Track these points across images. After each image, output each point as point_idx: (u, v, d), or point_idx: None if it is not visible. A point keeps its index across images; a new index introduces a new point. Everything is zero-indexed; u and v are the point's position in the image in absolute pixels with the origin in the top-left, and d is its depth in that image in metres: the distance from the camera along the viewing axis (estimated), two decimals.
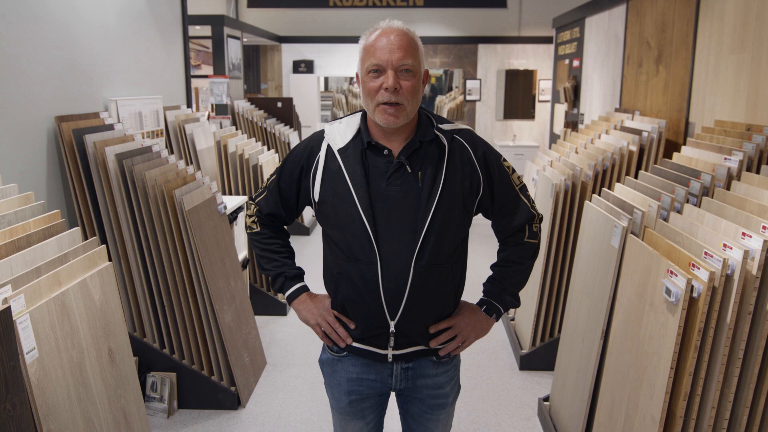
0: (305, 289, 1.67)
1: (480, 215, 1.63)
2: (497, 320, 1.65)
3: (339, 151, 1.50)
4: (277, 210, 1.65)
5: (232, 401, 3.01)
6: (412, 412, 1.68)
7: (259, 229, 1.68)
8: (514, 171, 1.61)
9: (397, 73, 1.41)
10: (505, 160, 1.60)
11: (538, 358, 3.44)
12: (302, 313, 1.64)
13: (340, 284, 1.53)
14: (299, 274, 1.68)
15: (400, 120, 1.44)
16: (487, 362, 3.57)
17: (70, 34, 2.82)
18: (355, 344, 1.58)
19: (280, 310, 4.26)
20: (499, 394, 3.21)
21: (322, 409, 3.03)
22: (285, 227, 1.74)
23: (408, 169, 1.47)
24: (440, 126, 1.53)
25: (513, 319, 3.91)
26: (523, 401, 3.14)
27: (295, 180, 1.59)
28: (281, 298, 4.31)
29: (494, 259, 1.71)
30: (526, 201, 1.60)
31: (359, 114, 1.55)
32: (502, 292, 1.64)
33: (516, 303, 1.66)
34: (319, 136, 1.57)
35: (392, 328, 1.51)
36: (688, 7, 3.37)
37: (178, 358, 2.95)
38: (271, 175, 1.66)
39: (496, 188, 1.55)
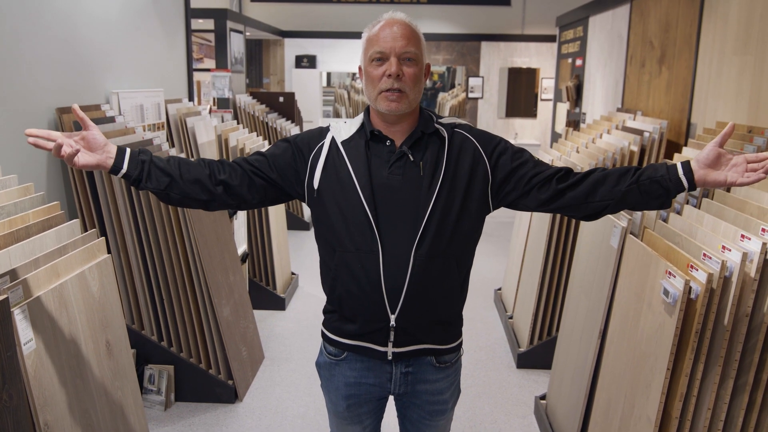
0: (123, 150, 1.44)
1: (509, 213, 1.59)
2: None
3: (342, 142, 1.52)
4: (239, 168, 1.50)
5: (230, 395, 3.01)
6: (411, 417, 1.66)
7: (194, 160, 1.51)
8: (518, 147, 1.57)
9: (400, 60, 1.43)
10: (506, 140, 1.57)
11: (536, 356, 3.44)
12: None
13: (339, 276, 1.50)
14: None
15: (402, 107, 1.45)
16: (484, 360, 3.58)
17: (72, 26, 2.82)
18: (353, 342, 1.55)
19: (278, 305, 4.26)
20: (496, 392, 3.22)
21: (318, 405, 3.03)
22: (224, 182, 1.50)
23: (410, 158, 1.48)
24: (440, 120, 1.55)
25: (511, 317, 3.91)
26: (520, 399, 3.15)
27: (288, 156, 1.53)
28: (280, 292, 4.31)
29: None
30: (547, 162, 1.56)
31: (362, 113, 1.57)
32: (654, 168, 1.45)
33: None
34: (324, 128, 1.58)
35: (392, 322, 1.48)
36: (691, 7, 3.36)
37: (176, 351, 2.96)
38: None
39: (514, 164, 1.51)
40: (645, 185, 1.43)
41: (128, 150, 1.44)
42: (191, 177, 1.48)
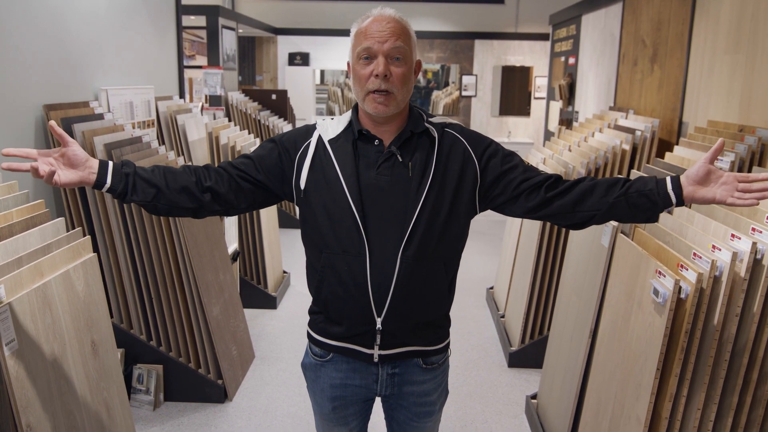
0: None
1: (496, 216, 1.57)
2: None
3: (330, 141, 1.49)
4: (226, 174, 1.47)
5: (219, 394, 2.99)
6: (398, 419, 1.64)
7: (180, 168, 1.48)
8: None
9: (388, 60, 1.40)
10: (497, 142, 1.55)
11: (527, 355, 3.43)
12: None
13: (325, 278, 1.48)
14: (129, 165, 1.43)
15: (390, 109, 1.42)
16: (476, 359, 3.57)
17: (61, 22, 2.78)
18: (339, 344, 1.53)
19: (269, 304, 4.24)
20: (487, 391, 3.21)
21: (309, 404, 3.01)
22: (210, 189, 1.47)
23: (399, 158, 1.45)
24: (430, 119, 1.52)
25: (503, 316, 3.90)
26: (511, 398, 3.14)
27: (275, 157, 1.51)
28: (271, 291, 4.29)
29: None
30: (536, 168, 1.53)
31: (350, 110, 1.54)
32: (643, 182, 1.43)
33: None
34: (311, 126, 1.55)
35: (379, 325, 1.46)
36: (683, 6, 3.36)
37: (165, 351, 2.93)
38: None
39: (503, 167, 1.48)
40: (633, 198, 1.42)
41: (111, 163, 1.41)
42: (178, 186, 1.45)
